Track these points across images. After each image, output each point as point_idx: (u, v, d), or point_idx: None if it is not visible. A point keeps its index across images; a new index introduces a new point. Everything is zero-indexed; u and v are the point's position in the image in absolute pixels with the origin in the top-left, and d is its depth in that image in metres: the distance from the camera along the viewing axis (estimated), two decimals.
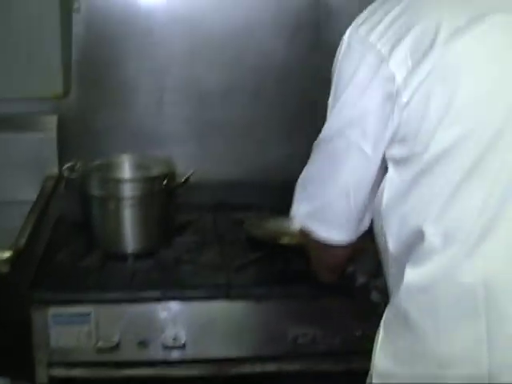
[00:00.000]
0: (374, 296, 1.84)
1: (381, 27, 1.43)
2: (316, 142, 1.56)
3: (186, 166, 2.35)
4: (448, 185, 1.41)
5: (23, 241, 2.00)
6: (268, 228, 2.36)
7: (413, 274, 1.46)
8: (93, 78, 2.54)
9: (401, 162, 1.46)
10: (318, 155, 1.56)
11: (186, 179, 2.27)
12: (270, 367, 2.10)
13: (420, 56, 1.39)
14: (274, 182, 2.60)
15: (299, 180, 1.61)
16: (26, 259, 2.07)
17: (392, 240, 1.51)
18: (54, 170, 2.49)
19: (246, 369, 2.09)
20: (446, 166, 1.41)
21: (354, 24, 1.49)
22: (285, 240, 2.28)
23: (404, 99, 1.40)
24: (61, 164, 2.45)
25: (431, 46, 1.39)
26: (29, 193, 2.44)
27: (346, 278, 1.85)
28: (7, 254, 1.92)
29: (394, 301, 1.51)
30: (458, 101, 1.39)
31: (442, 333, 1.44)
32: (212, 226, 2.46)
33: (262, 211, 2.52)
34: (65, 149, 2.52)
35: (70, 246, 2.30)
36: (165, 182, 2.22)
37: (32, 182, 2.47)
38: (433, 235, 1.43)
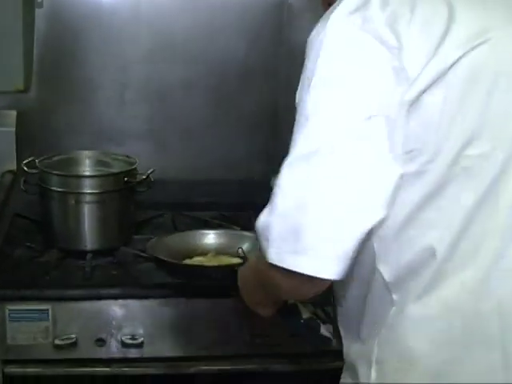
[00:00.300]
0: (324, 331, 1.60)
1: (382, 18, 1.27)
2: (292, 162, 1.30)
3: (146, 163, 2.33)
4: (463, 207, 1.32)
5: None
6: (171, 246, 2.19)
7: (419, 305, 1.35)
8: (54, 73, 2.52)
9: (405, 179, 1.31)
10: (302, 176, 1.28)
11: (147, 177, 2.26)
12: (228, 366, 2.10)
13: (434, 57, 1.27)
14: (234, 180, 2.61)
15: (270, 218, 1.31)
16: None
17: (388, 269, 1.37)
18: (12, 166, 2.47)
19: (204, 367, 2.09)
20: (460, 186, 1.31)
21: (340, 11, 1.29)
22: (193, 260, 2.18)
23: (414, 102, 1.27)
24: (19, 159, 2.44)
25: (446, 47, 1.27)
26: None
27: (287, 313, 1.61)
28: None
29: (389, 335, 1.39)
30: (478, 113, 1.31)
31: (456, 363, 1.36)
32: (171, 224, 2.46)
33: (223, 209, 2.53)
34: (23, 144, 2.49)
35: (27, 242, 2.27)
36: (126, 179, 2.21)
37: None
38: (445, 261, 1.33)
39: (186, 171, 2.61)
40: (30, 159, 2.27)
